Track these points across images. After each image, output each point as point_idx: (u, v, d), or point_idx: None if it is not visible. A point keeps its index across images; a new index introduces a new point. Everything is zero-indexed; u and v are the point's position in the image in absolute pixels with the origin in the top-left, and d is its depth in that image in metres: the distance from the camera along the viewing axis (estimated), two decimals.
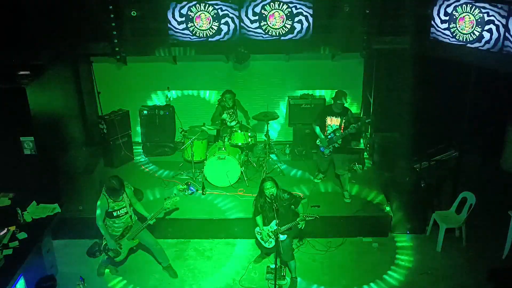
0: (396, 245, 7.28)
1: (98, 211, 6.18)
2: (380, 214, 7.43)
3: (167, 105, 9.30)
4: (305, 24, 7.59)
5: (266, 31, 7.65)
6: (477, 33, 6.68)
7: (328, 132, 7.45)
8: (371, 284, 6.54)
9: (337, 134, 7.38)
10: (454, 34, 7.00)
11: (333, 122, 7.41)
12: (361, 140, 9.07)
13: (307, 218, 6.09)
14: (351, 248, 7.22)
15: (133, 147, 9.26)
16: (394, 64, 8.00)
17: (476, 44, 6.71)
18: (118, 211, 6.24)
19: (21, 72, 6.89)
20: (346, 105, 7.44)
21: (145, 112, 9.11)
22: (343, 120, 7.34)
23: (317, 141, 7.65)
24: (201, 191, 7.96)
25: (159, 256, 6.65)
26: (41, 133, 6.91)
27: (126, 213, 6.30)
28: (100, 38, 7.86)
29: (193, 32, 7.62)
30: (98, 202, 6.16)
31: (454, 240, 7.24)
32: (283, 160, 9.03)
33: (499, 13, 6.37)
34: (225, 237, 7.41)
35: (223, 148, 8.02)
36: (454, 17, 6.92)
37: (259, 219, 6.32)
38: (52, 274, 6.06)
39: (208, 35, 7.63)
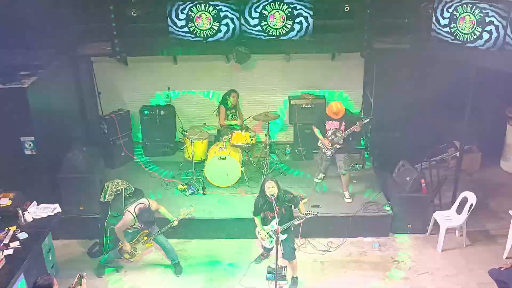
0: (396, 245, 7.28)
1: (120, 224, 6.34)
2: (380, 214, 7.43)
3: (167, 105, 9.29)
4: (306, 24, 7.59)
5: (267, 31, 7.65)
6: (477, 33, 6.68)
7: (329, 134, 7.46)
8: (372, 284, 6.53)
9: (337, 135, 7.40)
10: (454, 34, 7.00)
11: (332, 126, 7.43)
12: (362, 140, 9.07)
13: (307, 216, 6.10)
14: (352, 248, 7.22)
15: (134, 147, 9.26)
16: (395, 64, 8.01)
17: (477, 44, 6.71)
18: (138, 226, 6.45)
19: (22, 72, 6.89)
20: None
21: (146, 112, 9.11)
22: (343, 123, 7.36)
23: (319, 142, 7.66)
24: (202, 191, 7.96)
25: (169, 254, 6.75)
26: (42, 133, 6.91)
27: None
28: (101, 38, 7.87)
29: (194, 32, 7.62)
30: (124, 217, 6.34)
31: (455, 240, 7.25)
32: (284, 160, 9.04)
33: (499, 13, 6.37)
34: (226, 237, 7.41)
35: (224, 148, 8.02)
36: (455, 17, 6.93)
37: (258, 218, 6.33)
38: (49, 274, 6.07)
39: (209, 35, 7.64)
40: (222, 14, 7.49)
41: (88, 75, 8.96)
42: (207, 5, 7.44)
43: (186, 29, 7.59)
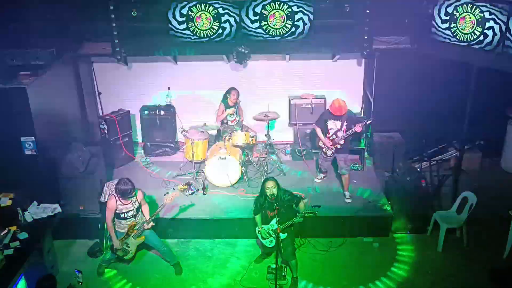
0: (396, 245, 7.27)
1: (107, 212, 6.30)
2: (380, 214, 7.43)
3: (167, 105, 9.30)
4: (306, 24, 7.60)
5: (267, 31, 7.66)
6: (477, 33, 6.68)
7: (330, 134, 7.47)
8: (372, 284, 6.53)
9: (338, 135, 7.41)
10: (454, 34, 7.00)
11: (334, 125, 7.44)
12: (362, 140, 9.07)
13: (306, 215, 6.11)
14: (352, 248, 7.22)
15: (134, 147, 9.27)
16: (395, 64, 8.01)
17: (477, 44, 6.72)
18: (125, 213, 6.38)
19: (22, 72, 6.89)
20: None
21: (146, 112, 9.11)
22: (344, 122, 7.37)
23: (319, 142, 7.67)
24: (202, 191, 7.97)
25: (167, 257, 6.74)
26: (42, 133, 6.91)
27: (133, 216, 6.44)
28: (101, 38, 7.87)
29: (194, 32, 7.63)
30: (107, 203, 6.30)
31: (455, 240, 7.25)
32: (284, 160, 9.04)
33: (499, 13, 6.37)
34: (226, 237, 7.41)
35: (224, 148, 8.02)
36: (455, 17, 6.93)
37: (258, 218, 6.34)
38: (51, 274, 6.06)
39: (209, 35, 7.65)
40: (222, 14, 7.50)
41: (88, 75, 8.97)
42: (207, 5, 7.45)
43: (186, 29, 7.60)
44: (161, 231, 7.09)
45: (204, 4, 7.44)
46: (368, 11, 7.56)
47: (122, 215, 6.37)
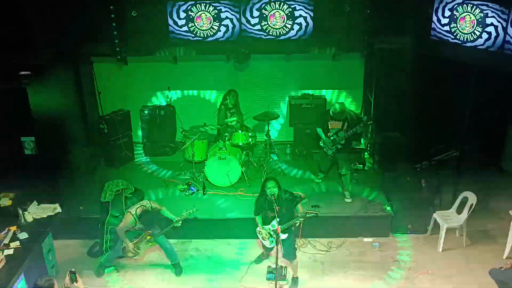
0: (397, 245, 7.28)
1: (122, 225, 6.31)
2: (381, 214, 7.43)
3: (167, 105, 9.30)
4: (306, 24, 7.60)
5: (267, 31, 7.65)
6: (477, 33, 6.68)
7: (331, 134, 7.48)
8: (372, 284, 6.53)
9: (339, 135, 7.41)
10: (454, 34, 7.00)
11: (335, 126, 7.44)
12: (362, 140, 9.08)
13: (307, 215, 6.11)
14: (352, 248, 7.22)
15: (134, 147, 9.27)
16: (395, 63, 8.00)
17: (477, 44, 6.71)
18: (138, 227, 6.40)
19: (22, 72, 6.89)
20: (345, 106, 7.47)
21: (146, 112, 9.12)
22: (345, 123, 7.37)
23: (320, 142, 7.67)
24: (202, 191, 7.96)
25: (169, 255, 6.73)
26: (42, 133, 6.91)
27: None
28: (101, 38, 7.87)
29: (194, 32, 7.63)
30: (125, 218, 6.31)
31: (455, 240, 7.25)
32: (284, 160, 9.04)
33: (499, 13, 6.37)
34: (226, 237, 7.40)
35: (224, 148, 8.02)
36: (455, 16, 6.93)
37: (259, 218, 6.34)
38: (51, 274, 6.07)
39: (209, 35, 7.64)
40: (222, 14, 7.50)
41: (88, 75, 8.96)
42: (207, 5, 7.44)
43: (186, 29, 7.60)
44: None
45: (204, 4, 7.44)
46: (368, 11, 7.56)
47: (136, 228, 6.42)
